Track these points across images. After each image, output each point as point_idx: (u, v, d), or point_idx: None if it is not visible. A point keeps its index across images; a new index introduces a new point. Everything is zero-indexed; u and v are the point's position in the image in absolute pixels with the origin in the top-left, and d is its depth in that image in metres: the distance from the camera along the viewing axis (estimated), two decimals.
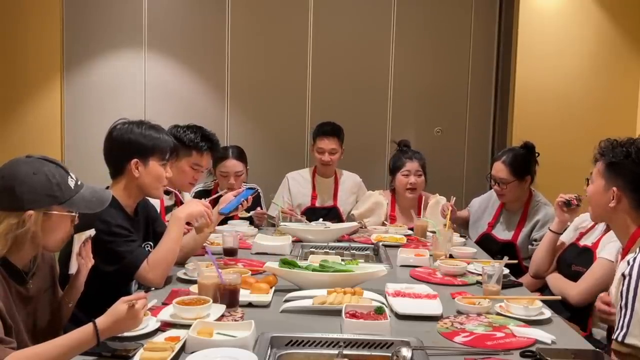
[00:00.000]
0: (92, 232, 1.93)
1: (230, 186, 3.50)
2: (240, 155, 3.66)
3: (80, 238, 1.86)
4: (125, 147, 2.30)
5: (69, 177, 1.70)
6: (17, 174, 1.63)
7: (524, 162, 3.24)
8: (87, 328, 1.55)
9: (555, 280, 2.68)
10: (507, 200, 3.32)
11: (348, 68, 4.80)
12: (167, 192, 3.07)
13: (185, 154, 2.98)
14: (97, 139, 2.37)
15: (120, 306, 1.60)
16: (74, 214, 1.71)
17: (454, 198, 3.36)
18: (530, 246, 3.18)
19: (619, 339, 1.69)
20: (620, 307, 1.71)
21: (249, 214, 3.45)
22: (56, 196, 1.65)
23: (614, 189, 2.02)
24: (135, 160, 2.29)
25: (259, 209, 3.61)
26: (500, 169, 3.25)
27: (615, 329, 1.72)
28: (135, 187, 2.32)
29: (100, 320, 1.57)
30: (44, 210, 1.63)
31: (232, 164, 3.58)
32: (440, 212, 3.42)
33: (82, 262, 1.89)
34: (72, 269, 1.87)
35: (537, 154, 3.29)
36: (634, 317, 1.67)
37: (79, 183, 1.74)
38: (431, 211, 3.59)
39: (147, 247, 2.45)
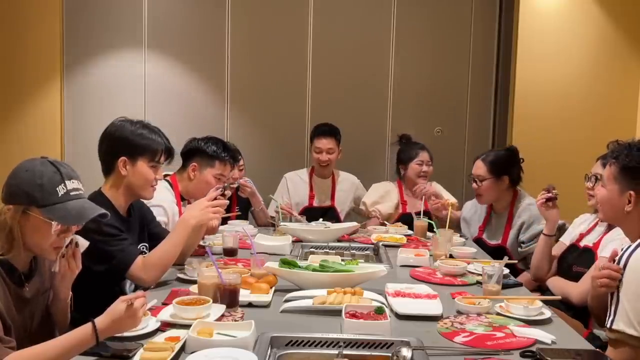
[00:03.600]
0: (83, 242, 1.83)
1: (233, 180, 3.59)
2: (239, 151, 3.73)
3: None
4: (115, 144, 2.29)
5: (62, 184, 1.66)
6: (17, 169, 1.66)
7: (503, 162, 3.26)
8: (86, 328, 1.55)
9: (556, 282, 2.67)
10: (485, 201, 3.35)
11: (348, 68, 4.80)
12: (183, 199, 3.09)
13: (208, 164, 3.01)
14: (97, 139, 2.36)
15: (118, 305, 1.60)
16: (53, 222, 1.64)
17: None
18: (519, 249, 3.16)
19: (608, 325, 1.80)
20: (611, 296, 1.82)
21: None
22: (35, 197, 1.62)
23: (631, 192, 1.96)
24: (123, 158, 2.27)
25: (245, 179, 3.70)
26: (478, 166, 3.29)
27: (607, 317, 1.82)
28: (124, 186, 2.31)
29: (99, 320, 1.57)
30: (22, 209, 1.62)
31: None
32: (437, 208, 3.45)
33: (63, 263, 1.77)
34: (54, 267, 1.79)
35: (521, 160, 3.32)
36: (619, 306, 1.78)
37: (71, 194, 1.68)
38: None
39: (143, 248, 2.45)
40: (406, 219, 3.63)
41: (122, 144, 2.29)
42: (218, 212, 2.41)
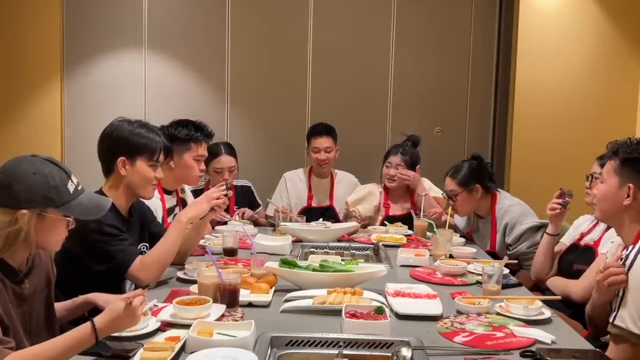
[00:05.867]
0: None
1: (223, 181, 3.54)
2: (232, 151, 3.71)
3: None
4: (113, 144, 2.30)
5: (70, 181, 1.67)
6: (17, 172, 1.61)
7: (470, 172, 3.24)
8: (85, 327, 1.55)
9: (557, 282, 2.67)
10: (464, 213, 3.36)
11: (348, 68, 4.79)
12: (168, 192, 3.07)
13: (185, 149, 2.97)
14: (97, 139, 2.36)
15: (117, 304, 1.59)
16: (69, 218, 1.67)
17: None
18: (507, 251, 3.12)
19: (611, 320, 1.82)
20: (615, 294, 1.85)
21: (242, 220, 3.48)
22: (53, 199, 1.62)
23: (630, 185, 1.95)
24: (122, 158, 2.28)
25: (247, 211, 3.66)
26: (448, 183, 3.29)
27: (610, 312, 1.85)
28: (124, 186, 2.31)
29: (98, 319, 1.57)
30: (38, 211, 1.60)
31: (226, 160, 3.62)
32: (437, 217, 3.41)
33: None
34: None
35: (488, 164, 3.34)
36: (623, 302, 1.80)
37: (79, 188, 1.70)
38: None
39: (143, 248, 2.45)
40: (392, 221, 3.60)
41: (120, 144, 2.29)
42: (211, 199, 2.42)
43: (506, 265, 2.39)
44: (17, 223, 1.57)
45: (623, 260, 1.84)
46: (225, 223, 3.35)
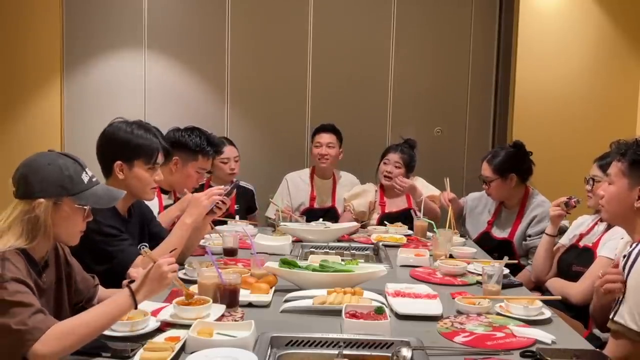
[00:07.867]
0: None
1: (231, 171, 3.64)
2: (232, 142, 3.77)
3: None
4: (111, 147, 2.28)
5: (84, 172, 1.75)
6: (33, 164, 1.70)
7: (507, 160, 3.25)
8: (124, 292, 1.63)
9: (556, 284, 2.67)
10: (496, 198, 3.36)
11: (348, 68, 4.80)
12: (165, 192, 3.07)
13: (191, 158, 2.97)
14: (96, 139, 2.36)
15: (142, 271, 1.69)
16: (85, 207, 1.73)
17: (448, 179, 3.38)
18: (524, 242, 3.18)
19: (611, 316, 1.82)
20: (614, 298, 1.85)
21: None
22: (67, 187, 1.68)
23: None
24: (119, 162, 2.26)
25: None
26: (484, 168, 3.30)
27: (612, 308, 1.84)
28: (123, 189, 2.30)
29: (133, 285, 1.65)
30: (54, 200, 1.67)
31: (230, 150, 3.68)
32: (442, 201, 3.45)
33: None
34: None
35: (529, 153, 3.30)
36: (624, 299, 1.80)
37: (93, 180, 1.78)
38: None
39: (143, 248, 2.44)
40: (389, 219, 3.61)
41: (117, 146, 2.27)
42: (211, 195, 2.43)
43: (506, 265, 2.39)
44: (34, 211, 1.64)
45: (625, 259, 1.84)
46: (225, 223, 3.35)
